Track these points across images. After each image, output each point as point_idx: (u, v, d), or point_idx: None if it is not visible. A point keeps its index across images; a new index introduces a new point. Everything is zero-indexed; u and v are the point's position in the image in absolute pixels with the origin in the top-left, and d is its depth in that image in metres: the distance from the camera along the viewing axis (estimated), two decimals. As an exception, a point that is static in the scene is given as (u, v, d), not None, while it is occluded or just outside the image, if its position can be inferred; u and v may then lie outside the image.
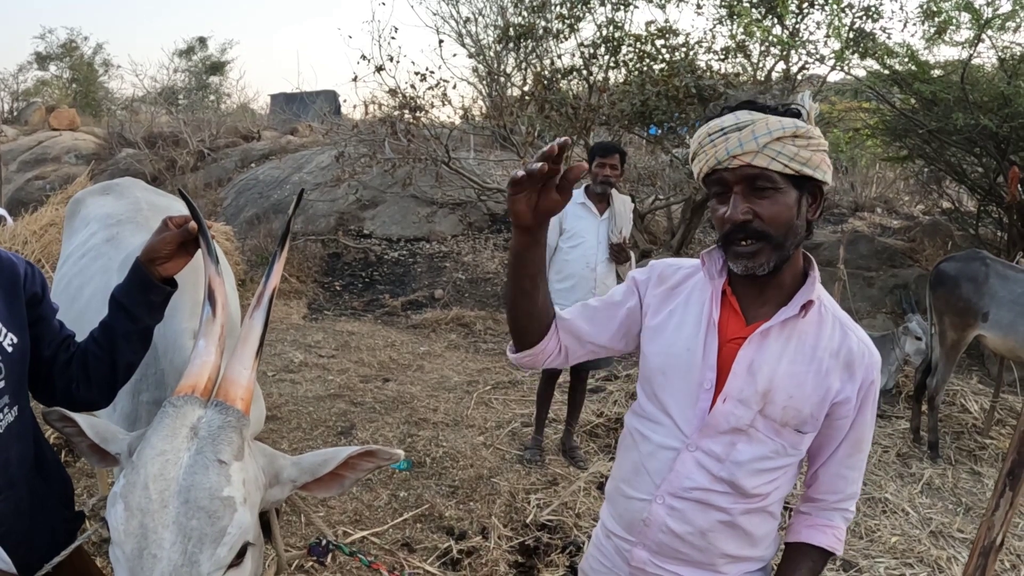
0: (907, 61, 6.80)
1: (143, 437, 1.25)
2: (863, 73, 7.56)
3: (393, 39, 17.36)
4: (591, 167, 4.06)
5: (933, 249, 8.63)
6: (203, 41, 24.58)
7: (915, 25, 7.26)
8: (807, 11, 7.63)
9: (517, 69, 11.18)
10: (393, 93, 9.07)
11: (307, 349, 6.38)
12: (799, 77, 8.09)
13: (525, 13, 9.01)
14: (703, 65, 7.79)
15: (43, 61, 24.14)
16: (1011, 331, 4.41)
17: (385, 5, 18.44)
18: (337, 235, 9.87)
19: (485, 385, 5.65)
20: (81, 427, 1.36)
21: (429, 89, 8.76)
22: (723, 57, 8.00)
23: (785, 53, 7.81)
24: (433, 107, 9.06)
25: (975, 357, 6.58)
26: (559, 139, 1.15)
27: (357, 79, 10.36)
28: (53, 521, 1.56)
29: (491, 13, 13.08)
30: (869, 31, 7.32)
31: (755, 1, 7.68)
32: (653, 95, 7.17)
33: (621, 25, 8.06)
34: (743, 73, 8.11)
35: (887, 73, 7.05)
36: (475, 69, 12.98)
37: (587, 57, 8.29)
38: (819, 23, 7.79)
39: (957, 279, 4.63)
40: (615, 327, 1.51)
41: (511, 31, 9.15)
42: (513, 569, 3.29)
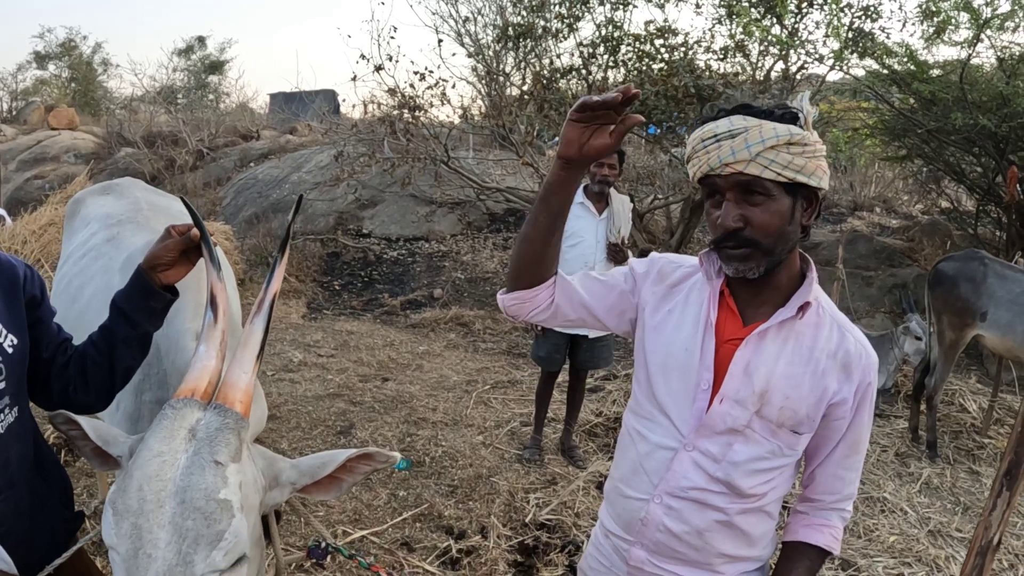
0: (906, 61, 6.80)
1: (141, 440, 1.25)
2: (862, 73, 7.56)
3: (392, 38, 17.37)
4: (590, 167, 4.07)
5: (932, 249, 8.64)
6: (202, 40, 24.61)
7: (914, 25, 7.29)
8: (806, 11, 7.62)
9: (516, 69, 11.16)
10: (392, 92, 9.06)
11: (306, 348, 6.38)
12: (798, 77, 8.08)
13: (524, 12, 9.00)
14: (702, 65, 7.79)
15: (42, 60, 24.12)
16: (1009, 331, 4.42)
17: (384, 4, 18.41)
18: (336, 234, 9.86)
19: (484, 384, 5.66)
20: (84, 430, 1.36)
21: (428, 88, 8.76)
22: (722, 57, 8.00)
23: (784, 53, 7.80)
24: (432, 106, 9.05)
25: (974, 357, 6.58)
26: (633, 88, 1.20)
27: (356, 78, 10.34)
28: (53, 521, 1.57)
29: (490, 12, 13.05)
30: (868, 31, 7.31)
31: (754, 1, 7.67)
32: (652, 95, 7.17)
33: (620, 25, 8.06)
34: (742, 73, 8.09)
35: (886, 73, 7.05)
36: (474, 68, 12.96)
37: (586, 57, 8.28)
38: (818, 23, 7.77)
39: (955, 279, 4.64)
40: (609, 303, 1.53)
41: (510, 30, 9.14)
42: (512, 568, 3.30)
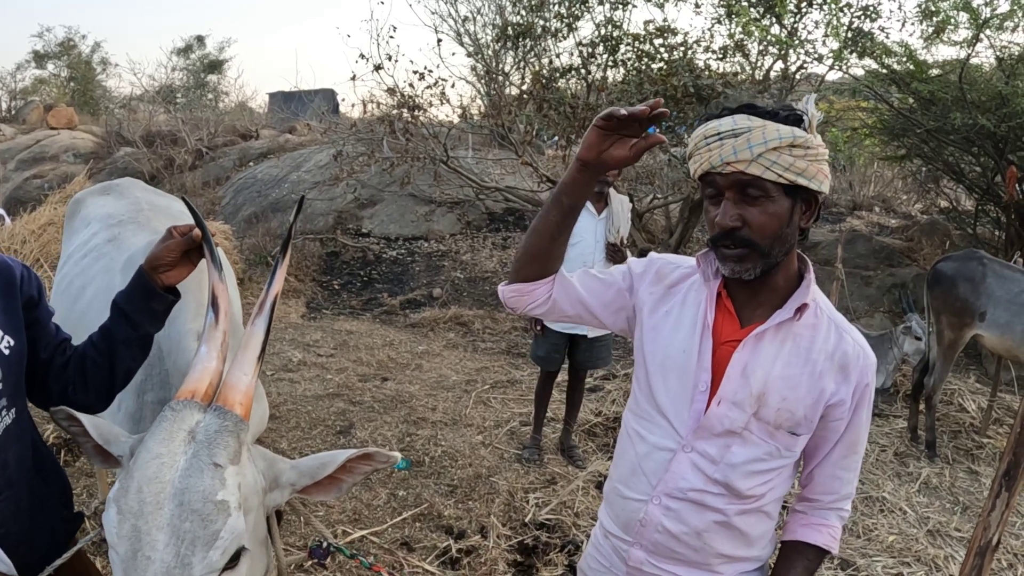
0: (905, 60, 6.81)
1: (141, 441, 1.25)
2: (861, 72, 7.56)
3: (391, 38, 17.31)
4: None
5: (931, 248, 8.65)
6: (201, 40, 24.59)
7: (913, 24, 7.29)
8: (805, 10, 7.63)
9: (515, 68, 11.17)
10: (391, 92, 9.05)
11: (306, 348, 6.38)
12: (797, 76, 8.09)
13: (523, 12, 8.99)
14: (701, 64, 7.79)
15: (41, 60, 24.08)
16: (1008, 330, 4.43)
17: (383, 4, 18.40)
18: (335, 234, 9.86)
19: (483, 384, 5.66)
20: (85, 427, 1.36)
21: (427, 88, 8.75)
22: (721, 56, 8.00)
23: (783, 52, 7.81)
24: (431, 106, 9.03)
25: (973, 356, 6.59)
26: (662, 107, 1.23)
27: (355, 78, 10.34)
28: (52, 521, 1.57)
29: (489, 12, 13.10)
30: (867, 30, 7.32)
31: (753, 0, 7.68)
32: (651, 94, 7.15)
33: (619, 24, 8.05)
34: (741, 72, 8.10)
35: (885, 72, 7.06)
36: (473, 68, 12.99)
37: (585, 56, 8.28)
38: (817, 22, 7.80)
39: (954, 279, 4.64)
40: (605, 300, 1.54)
41: (509, 30, 9.13)
42: (512, 568, 3.30)
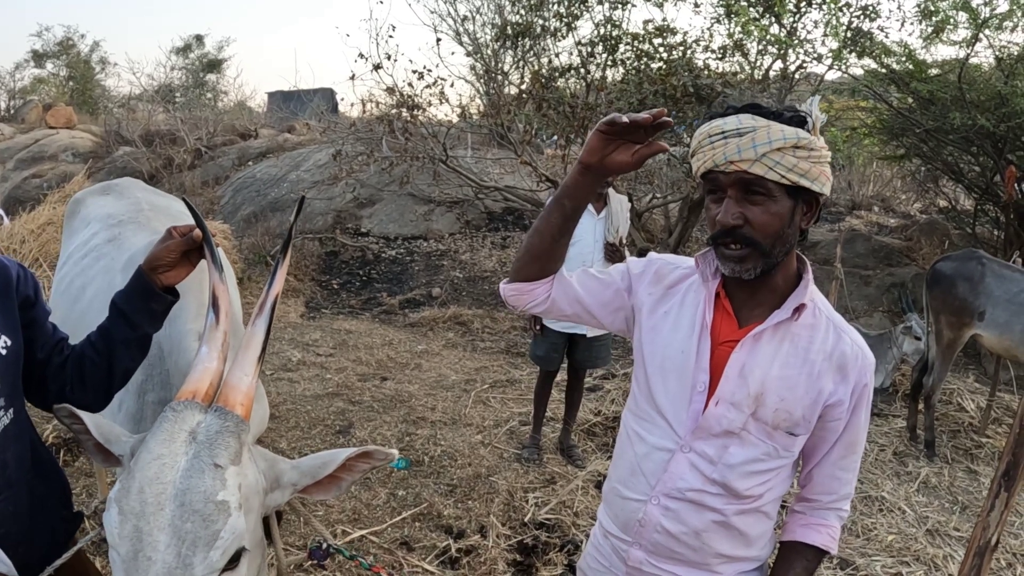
0: (904, 60, 6.82)
1: (143, 441, 1.25)
2: (860, 72, 7.57)
3: (391, 37, 17.26)
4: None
5: (930, 248, 8.66)
6: (200, 39, 24.59)
7: (912, 24, 7.28)
8: (805, 10, 7.63)
9: (514, 67, 11.19)
10: (390, 91, 9.05)
11: (305, 348, 6.38)
12: (796, 76, 8.10)
13: (523, 11, 8.99)
14: (701, 64, 7.79)
15: (40, 59, 24.05)
16: (1007, 330, 4.43)
17: (383, 3, 18.45)
18: (334, 233, 9.86)
19: (483, 384, 5.66)
20: (87, 425, 1.36)
21: (427, 87, 8.76)
22: (721, 56, 8.00)
23: (783, 52, 7.81)
24: (431, 105, 9.05)
25: (972, 356, 6.60)
26: (666, 116, 1.25)
27: (354, 77, 10.42)
28: (52, 521, 1.57)
29: (489, 11, 13.11)
30: (867, 30, 7.32)
31: (753, 0, 7.68)
32: (651, 94, 7.16)
33: (619, 24, 8.05)
34: (740, 72, 8.10)
35: (884, 72, 7.06)
36: (472, 67, 13.01)
37: (585, 56, 8.28)
38: (817, 22, 7.80)
39: (953, 278, 4.64)
40: (603, 300, 1.54)
41: (509, 29, 9.13)
42: (511, 568, 3.30)
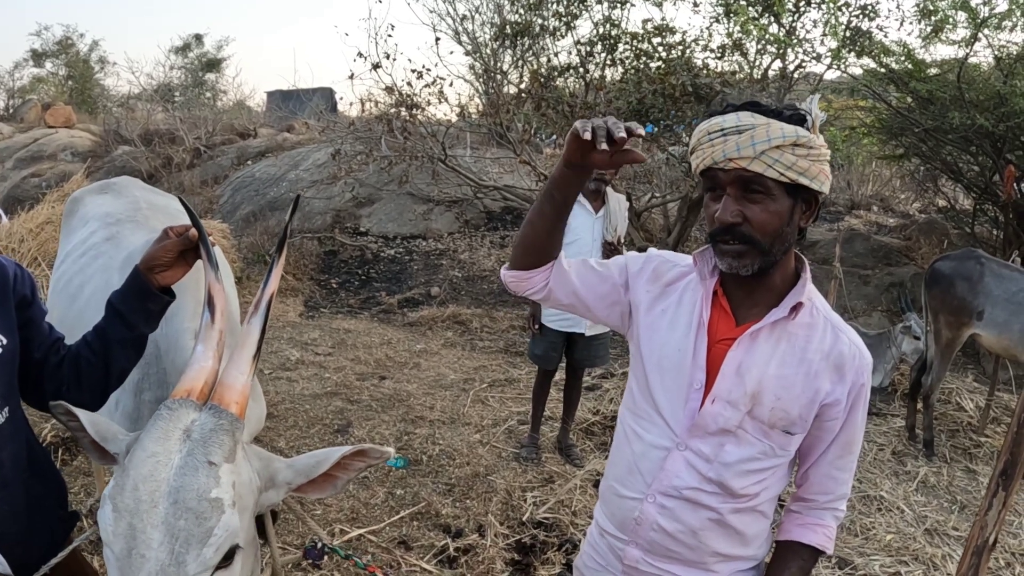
0: (903, 60, 6.81)
1: (137, 439, 1.25)
2: (859, 71, 7.57)
3: (390, 36, 17.36)
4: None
5: (929, 247, 8.66)
6: (199, 38, 24.62)
7: (912, 24, 7.25)
8: (804, 9, 7.63)
9: (513, 67, 11.20)
10: (389, 90, 9.06)
11: (303, 347, 6.38)
12: (795, 75, 8.09)
13: (522, 11, 8.99)
14: (699, 63, 7.80)
15: (39, 58, 24.06)
16: (1006, 329, 4.43)
17: (381, 2, 18.47)
18: (333, 233, 9.86)
19: (481, 383, 5.66)
20: (83, 423, 1.36)
21: (426, 87, 8.76)
22: (719, 55, 8.00)
23: (782, 51, 7.81)
24: (429, 104, 9.06)
25: (970, 355, 6.60)
26: (641, 129, 1.23)
27: (353, 76, 10.43)
28: (49, 521, 1.56)
29: (488, 11, 13.12)
30: (866, 29, 7.32)
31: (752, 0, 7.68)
32: (649, 93, 7.16)
33: (618, 23, 8.06)
34: (739, 71, 8.10)
35: (883, 71, 7.06)
36: (472, 67, 13.00)
37: (584, 55, 8.28)
38: (816, 21, 7.78)
39: (952, 278, 4.64)
40: (600, 293, 1.53)
41: (508, 29, 9.14)
42: (509, 567, 3.30)
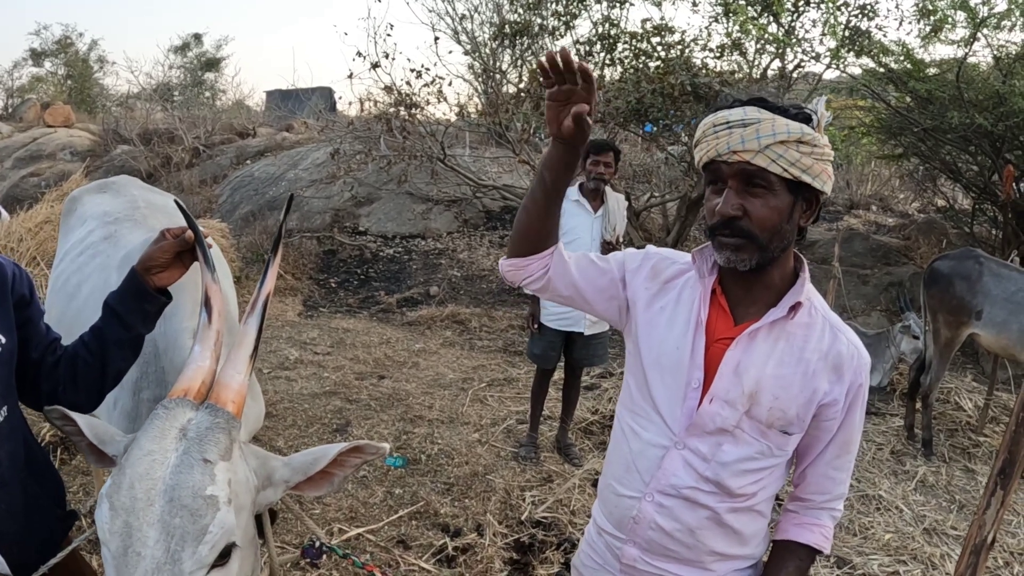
0: (903, 59, 6.82)
1: (134, 438, 1.25)
2: (858, 71, 7.57)
3: (389, 36, 17.37)
4: (585, 164, 4.09)
5: (928, 247, 8.66)
6: (198, 37, 24.54)
7: (911, 23, 7.24)
8: (803, 9, 7.62)
9: (513, 66, 11.18)
10: (388, 90, 9.06)
11: (302, 346, 6.38)
12: (794, 75, 8.10)
13: (521, 10, 8.98)
14: (699, 63, 7.78)
15: (38, 57, 24.00)
16: (1004, 329, 4.43)
17: (381, 2, 18.45)
18: (332, 232, 9.85)
19: (480, 382, 5.66)
20: (80, 426, 1.36)
21: (424, 86, 8.76)
22: (719, 55, 8.00)
23: (781, 51, 7.81)
24: (428, 104, 9.06)
25: (969, 355, 6.60)
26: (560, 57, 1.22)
27: (352, 76, 10.43)
28: (46, 520, 1.56)
29: (487, 10, 13.09)
30: (865, 29, 7.32)
31: (751, -1, 7.68)
32: (648, 92, 7.16)
33: (617, 23, 8.05)
34: (738, 71, 8.09)
35: (882, 71, 7.06)
36: (471, 66, 12.97)
37: (583, 54, 8.26)
38: (815, 21, 7.77)
39: (951, 277, 4.65)
40: (599, 286, 1.53)
41: (507, 28, 9.13)
42: (508, 566, 3.30)
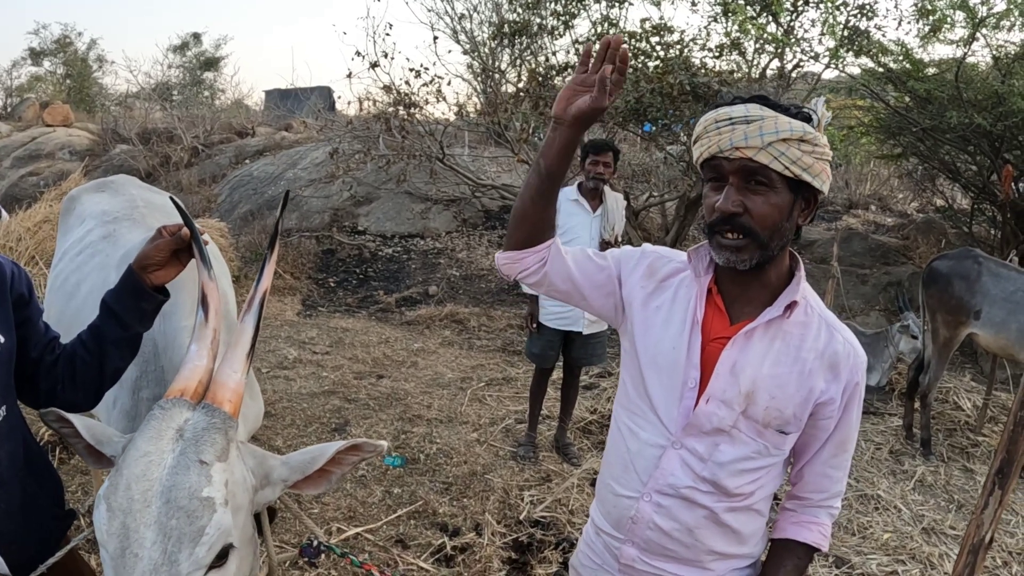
0: (901, 59, 6.83)
1: (131, 439, 1.25)
2: (857, 71, 7.57)
3: (388, 35, 17.34)
4: (584, 164, 4.10)
5: (927, 247, 8.67)
6: (197, 37, 24.55)
7: (910, 23, 7.24)
8: (802, 9, 7.62)
9: (511, 66, 11.17)
10: (387, 89, 9.06)
11: (301, 346, 6.38)
12: (793, 75, 8.09)
13: (520, 10, 8.97)
14: (697, 62, 7.78)
15: (37, 57, 23.99)
16: (1003, 329, 4.43)
17: (380, 1, 18.45)
18: (331, 231, 9.85)
19: (479, 382, 5.66)
20: (77, 428, 1.36)
21: (423, 85, 8.77)
22: (718, 55, 7.99)
23: (780, 51, 7.80)
24: (427, 103, 9.06)
25: (968, 355, 6.60)
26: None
27: (351, 75, 10.38)
28: (45, 520, 1.56)
29: (486, 10, 13.11)
30: (864, 29, 7.32)
31: (750, -2, 7.67)
32: (647, 92, 7.16)
33: (616, 22, 8.04)
34: (737, 71, 8.09)
35: (881, 71, 7.07)
36: (470, 66, 13.00)
37: (582, 55, 8.26)
38: (814, 21, 7.77)
39: (950, 277, 4.65)
40: (596, 282, 1.52)
41: (506, 27, 9.12)
42: (506, 565, 3.30)
